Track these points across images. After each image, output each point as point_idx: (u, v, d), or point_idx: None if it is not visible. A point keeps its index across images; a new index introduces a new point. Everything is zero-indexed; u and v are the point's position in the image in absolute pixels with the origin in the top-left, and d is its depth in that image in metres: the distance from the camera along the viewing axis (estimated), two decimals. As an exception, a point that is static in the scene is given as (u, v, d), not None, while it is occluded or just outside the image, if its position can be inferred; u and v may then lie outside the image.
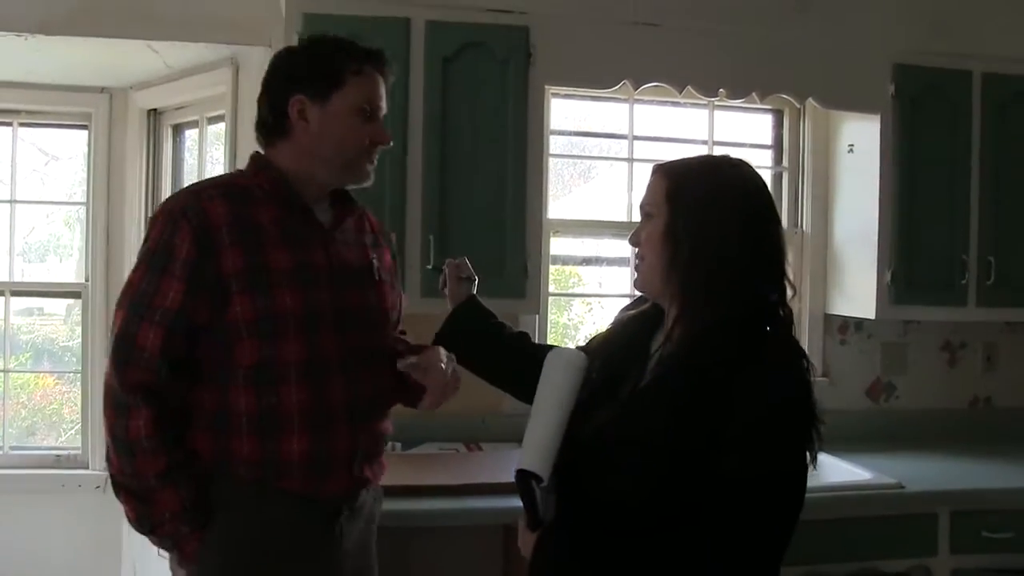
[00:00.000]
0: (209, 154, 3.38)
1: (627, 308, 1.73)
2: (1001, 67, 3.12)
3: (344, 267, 1.82)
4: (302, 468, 1.73)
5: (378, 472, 1.91)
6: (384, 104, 1.86)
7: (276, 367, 1.71)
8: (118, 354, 1.68)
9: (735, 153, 1.70)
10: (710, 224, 1.48)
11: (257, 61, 2.93)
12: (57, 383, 4.51)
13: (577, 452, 1.53)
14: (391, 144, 1.89)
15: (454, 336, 2.02)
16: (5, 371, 3.77)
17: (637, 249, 1.60)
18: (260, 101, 1.86)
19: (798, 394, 1.44)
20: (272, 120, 1.81)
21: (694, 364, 1.44)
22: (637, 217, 3.13)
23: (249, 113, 2.99)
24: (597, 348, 1.68)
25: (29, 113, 3.68)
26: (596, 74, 2.82)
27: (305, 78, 1.78)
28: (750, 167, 1.58)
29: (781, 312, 1.51)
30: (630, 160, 3.24)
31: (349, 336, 1.79)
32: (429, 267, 2.11)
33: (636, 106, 3.23)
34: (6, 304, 3.71)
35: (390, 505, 2.10)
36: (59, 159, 3.94)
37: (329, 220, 1.85)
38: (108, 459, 1.71)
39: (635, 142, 3.26)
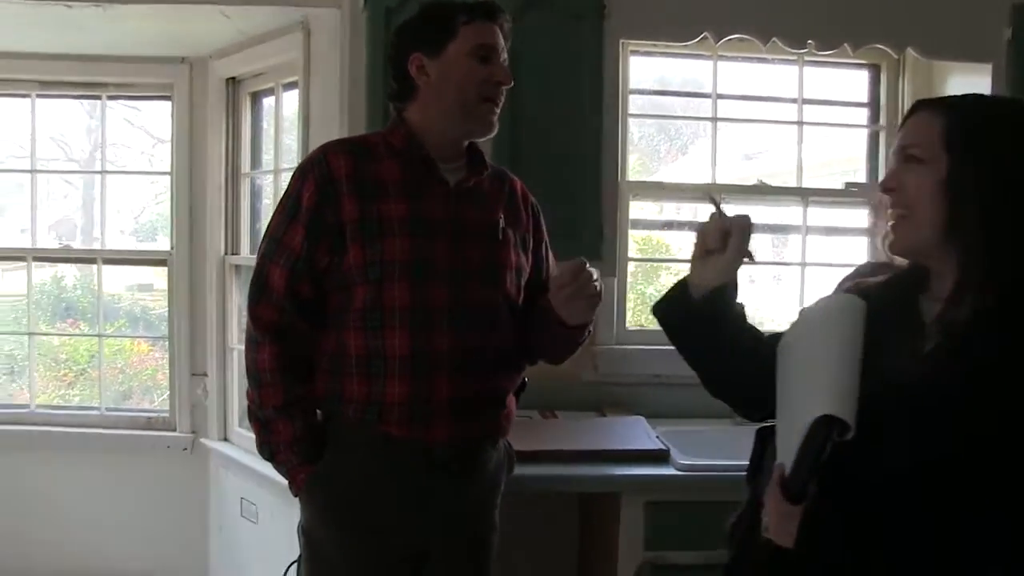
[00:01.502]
0: (287, 121, 3.33)
1: (852, 278, 1.52)
2: None
3: (465, 223, 1.84)
4: (403, 412, 1.77)
5: (492, 428, 1.90)
6: (501, 49, 1.85)
7: (382, 311, 1.76)
8: (252, 293, 1.84)
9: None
10: (1016, 178, 1.25)
11: (328, 24, 2.86)
12: (152, 349, 4.61)
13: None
14: (512, 83, 1.86)
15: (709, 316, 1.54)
16: (100, 336, 3.83)
17: (891, 199, 1.35)
18: (389, 65, 1.93)
19: None
20: (397, 85, 1.88)
21: (1005, 330, 1.24)
22: (722, 179, 3.04)
23: (321, 77, 2.98)
24: None
25: (116, 86, 3.70)
26: (674, 27, 2.65)
27: (420, 36, 1.84)
28: None
29: None
30: (714, 120, 3.02)
31: (463, 289, 1.81)
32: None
33: (720, 63, 3.00)
34: (99, 272, 3.77)
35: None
36: (166, 142, 3.98)
37: (459, 179, 1.87)
38: (247, 390, 1.87)
39: (719, 101, 3.03)
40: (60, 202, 5.82)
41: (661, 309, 1.60)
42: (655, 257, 3.42)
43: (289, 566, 1.92)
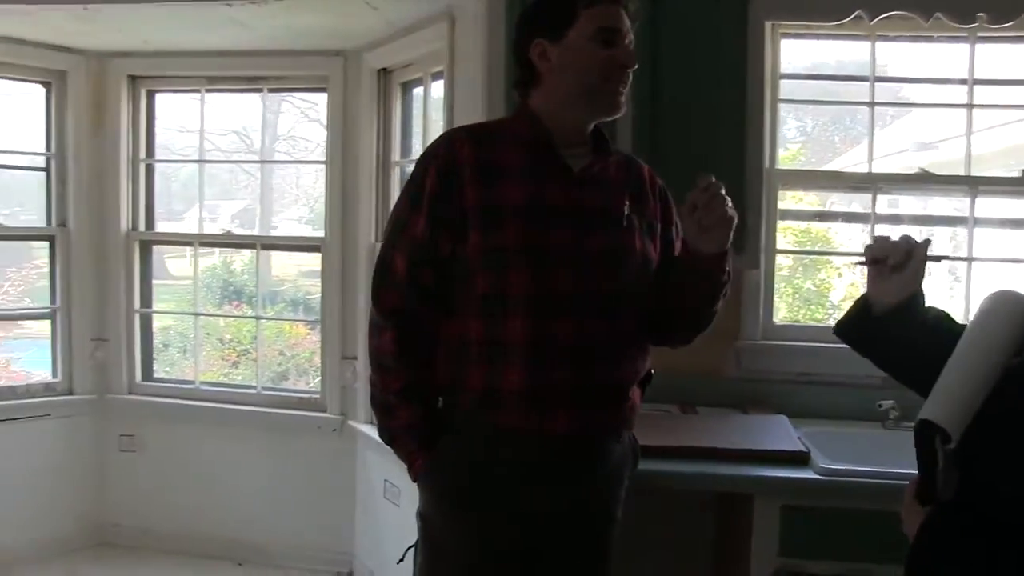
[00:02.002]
0: (435, 110, 3.40)
1: None
2: None
3: (587, 209, 1.82)
4: (521, 401, 1.76)
5: (613, 420, 1.86)
6: (626, 31, 1.81)
7: (503, 299, 1.75)
8: (375, 279, 1.87)
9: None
10: None
11: (471, 12, 2.89)
12: (309, 332, 4.85)
13: (996, 425, 1.19)
14: (636, 66, 1.81)
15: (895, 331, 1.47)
16: (257, 318, 4.05)
17: None
18: (511, 52, 1.93)
19: None
20: (520, 72, 1.87)
21: None
22: (880, 168, 2.88)
23: (465, 66, 3.02)
24: None
25: (276, 79, 3.91)
26: (824, 6, 2.50)
27: (541, 22, 1.82)
28: None
29: None
30: (871, 105, 2.82)
31: (586, 277, 1.78)
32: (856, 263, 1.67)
33: (879, 44, 2.79)
34: (257, 257, 3.98)
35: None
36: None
37: (584, 165, 1.84)
38: (369, 375, 1.91)
39: (877, 84, 2.82)
40: (242, 191, 6.26)
41: (843, 329, 1.57)
42: (811, 250, 3.28)
43: (408, 549, 1.96)
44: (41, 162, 3.90)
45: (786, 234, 3.37)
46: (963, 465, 1.20)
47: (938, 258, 1.44)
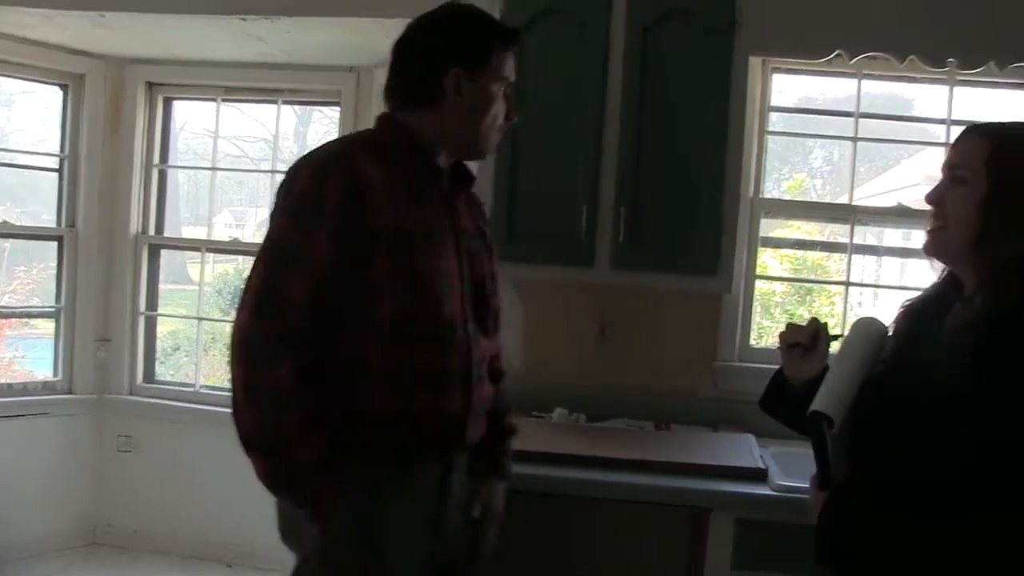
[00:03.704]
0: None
1: (908, 302, 1.71)
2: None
3: (465, 233, 1.93)
4: (427, 425, 1.82)
5: (475, 433, 1.96)
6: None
7: (411, 326, 1.77)
8: (258, 307, 1.70)
9: None
10: None
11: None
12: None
13: (867, 419, 1.56)
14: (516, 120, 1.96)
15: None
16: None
17: (933, 209, 1.55)
18: (405, 63, 1.90)
19: None
20: (422, 85, 1.86)
21: (1004, 336, 1.40)
22: (860, 200, 3.08)
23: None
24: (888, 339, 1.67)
25: (291, 91, 4.18)
26: (805, 44, 2.72)
27: (462, 51, 1.85)
28: None
29: None
30: (854, 139, 3.07)
31: (471, 300, 1.91)
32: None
33: (865, 82, 3.04)
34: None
35: (570, 473, 2.40)
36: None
37: (451, 189, 1.94)
38: (235, 417, 1.72)
39: (861, 120, 3.07)
40: (269, 198, 6.55)
41: (767, 406, 1.93)
42: (790, 277, 3.51)
43: None
44: (54, 163, 4.16)
45: (782, 261, 3.58)
46: (850, 454, 1.55)
47: (836, 337, 1.78)
